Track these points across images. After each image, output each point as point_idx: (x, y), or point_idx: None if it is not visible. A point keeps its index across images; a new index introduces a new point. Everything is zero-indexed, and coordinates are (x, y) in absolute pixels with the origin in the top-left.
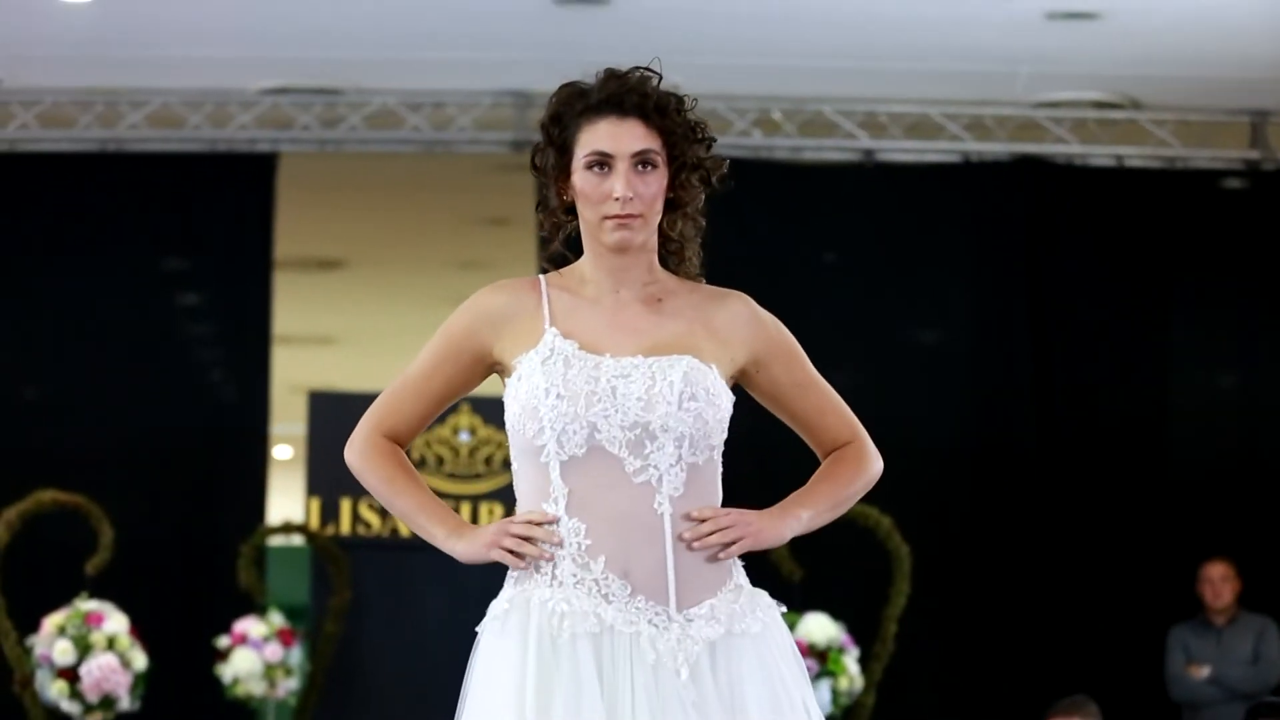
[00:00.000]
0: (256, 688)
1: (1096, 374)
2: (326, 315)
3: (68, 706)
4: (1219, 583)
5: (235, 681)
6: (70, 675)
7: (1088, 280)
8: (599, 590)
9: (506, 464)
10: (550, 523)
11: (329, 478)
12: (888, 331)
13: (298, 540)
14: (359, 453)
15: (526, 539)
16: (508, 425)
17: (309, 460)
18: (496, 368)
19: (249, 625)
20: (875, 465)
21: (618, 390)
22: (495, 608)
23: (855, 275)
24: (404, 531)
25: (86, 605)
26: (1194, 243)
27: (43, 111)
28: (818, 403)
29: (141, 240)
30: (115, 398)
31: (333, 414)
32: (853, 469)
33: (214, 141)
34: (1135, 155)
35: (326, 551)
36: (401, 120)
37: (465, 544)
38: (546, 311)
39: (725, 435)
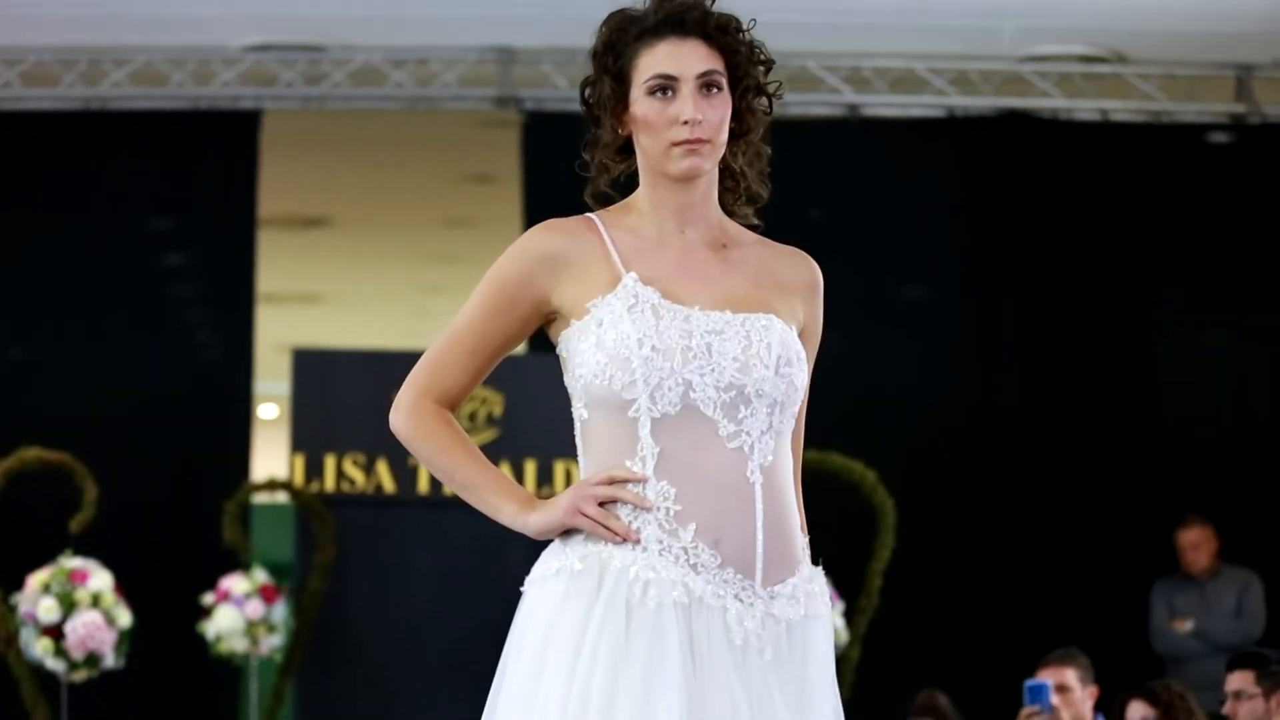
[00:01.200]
0: (239, 644)
1: (1082, 329)
2: (311, 273)
3: (52, 664)
4: (1191, 551)
5: (218, 638)
6: (55, 633)
7: (1074, 235)
8: (687, 559)
9: (491, 419)
10: (636, 482)
11: (313, 434)
12: (873, 288)
13: (282, 497)
14: (406, 419)
15: (610, 501)
16: (583, 374)
17: (293, 417)
18: (552, 316)
19: (233, 582)
20: None
21: (713, 348)
22: (559, 562)
23: (840, 231)
24: (388, 488)
25: (71, 563)
26: (1180, 197)
27: (26, 70)
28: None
29: (124, 199)
30: (99, 357)
31: (316, 371)
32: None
33: (197, 99)
34: (1121, 109)
35: (311, 508)
36: (385, 77)
37: (541, 516)
38: (614, 252)
39: None
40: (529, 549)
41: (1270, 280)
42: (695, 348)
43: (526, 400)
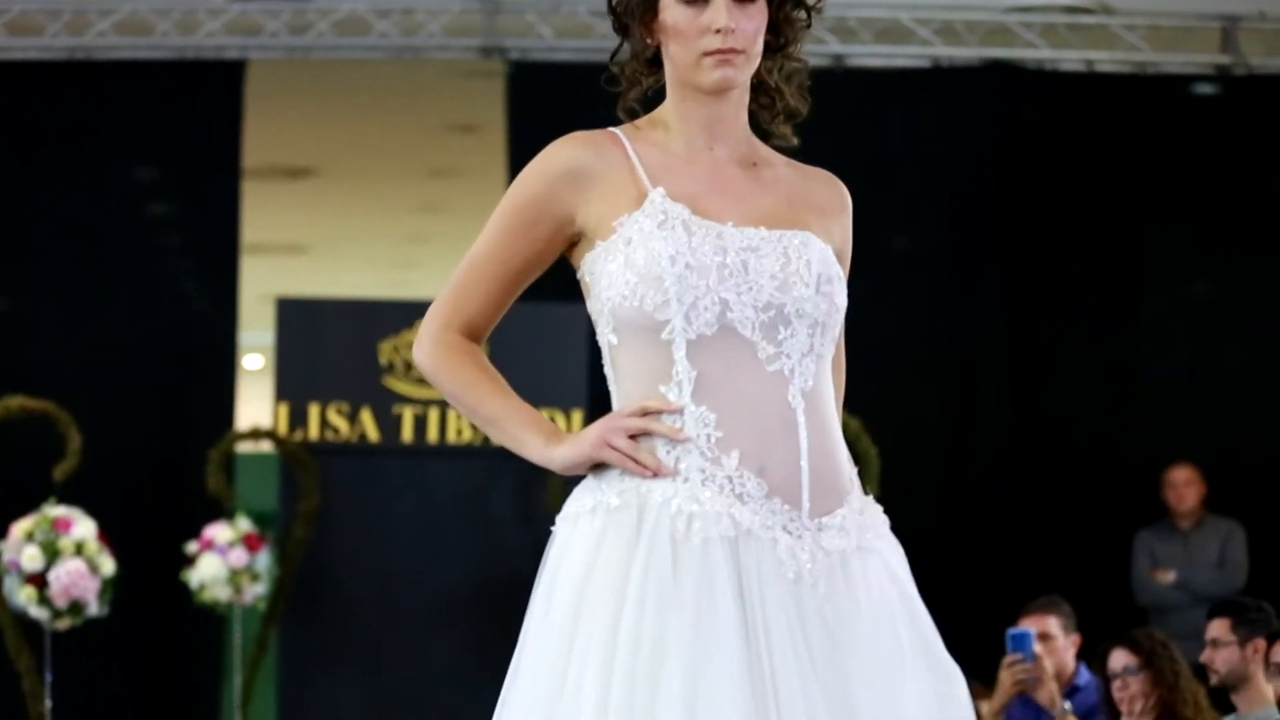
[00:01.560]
0: (222, 593)
1: (1067, 280)
2: (296, 224)
3: (36, 612)
4: (1182, 487)
5: (202, 587)
6: (38, 581)
7: (1059, 186)
8: (732, 489)
9: None
10: (671, 412)
11: (297, 383)
12: (859, 238)
13: (266, 446)
14: (429, 353)
15: (642, 433)
16: (611, 296)
17: (277, 365)
18: (575, 238)
19: (216, 531)
20: None
21: (749, 265)
22: (594, 498)
23: None
24: (372, 436)
25: (55, 511)
26: (1165, 149)
27: (11, 20)
28: (841, 342)
29: (109, 149)
30: (84, 307)
31: (301, 319)
32: None
33: (182, 49)
34: (1106, 60)
35: (295, 457)
36: (370, 26)
37: (567, 449)
38: (640, 167)
39: None
40: (513, 497)
41: (1255, 232)
42: (731, 265)
43: (510, 349)
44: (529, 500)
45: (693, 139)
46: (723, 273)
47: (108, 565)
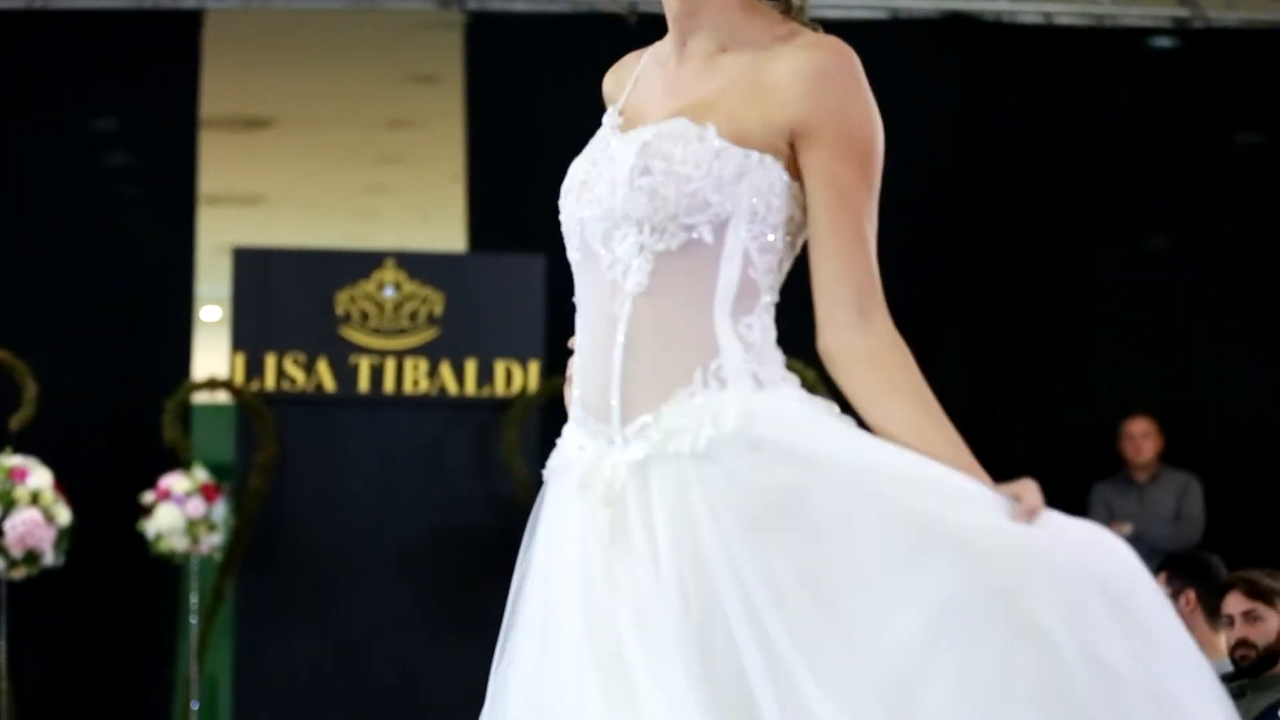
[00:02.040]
0: (179, 543)
1: (1024, 232)
2: (253, 175)
3: None
4: (1140, 439)
5: (159, 537)
6: None
7: (1015, 138)
8: (573, 417)
9: (431, 319)
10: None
11: (254, 333)
12: None
13: (223, 397)
14: None
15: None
16: None
17: (233, 315)
18: None
19: (173, 481)
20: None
21: (602, 175)
22: None
23: None
24: (328, 386)
25: (10, 460)
26: (1122, 101)
27: None
28: (834, 225)
29: (66, 99)
30: (42, 257)
31: (257, 269)
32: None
33: None
34: (1064, 13)
35: (251, 407)
36: None
37: None
38: (629, 85)
39: (726, 213)
40: (469, 448)
41: (1211, 186)
42: (590, 179)
43: (467, 299)
44: (485, 451)
45: (672, 38)
46: (580, 191)
47: (64, 515)
